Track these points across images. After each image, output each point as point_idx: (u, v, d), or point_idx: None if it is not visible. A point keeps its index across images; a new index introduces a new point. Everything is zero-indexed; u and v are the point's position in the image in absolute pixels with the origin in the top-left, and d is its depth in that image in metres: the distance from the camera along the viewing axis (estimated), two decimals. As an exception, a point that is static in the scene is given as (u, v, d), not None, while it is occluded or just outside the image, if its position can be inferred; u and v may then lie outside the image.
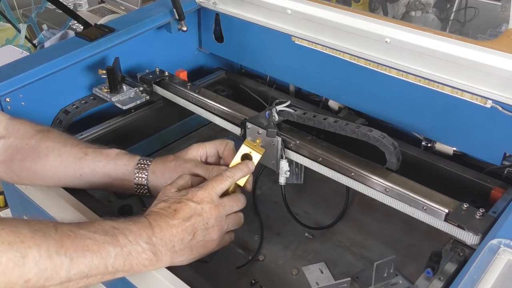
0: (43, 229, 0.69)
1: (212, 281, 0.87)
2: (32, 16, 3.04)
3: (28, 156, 0.94)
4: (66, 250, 0.68)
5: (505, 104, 0.91)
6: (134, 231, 0.76)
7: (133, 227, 0.76)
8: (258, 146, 0.97)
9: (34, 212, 1.07)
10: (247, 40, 1.32)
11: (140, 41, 1.31)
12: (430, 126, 1.06)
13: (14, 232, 0.66)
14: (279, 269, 0.98)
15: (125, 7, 3.11)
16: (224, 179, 0.87)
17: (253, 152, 0.95)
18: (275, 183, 1.06)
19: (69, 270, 0.68)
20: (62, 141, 0.96)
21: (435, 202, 0.85)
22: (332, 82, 1.18)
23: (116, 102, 1.20)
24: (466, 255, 0.90)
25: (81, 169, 0.94)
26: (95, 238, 0.72)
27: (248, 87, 1.33)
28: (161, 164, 0.95)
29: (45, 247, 0.67)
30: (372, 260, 0.94)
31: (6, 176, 0.98)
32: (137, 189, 0.95)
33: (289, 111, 1.04)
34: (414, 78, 1.02)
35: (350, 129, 0.98)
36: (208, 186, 0.85)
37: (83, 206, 0.94)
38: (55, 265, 0.67)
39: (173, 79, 1.26)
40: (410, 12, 1.87)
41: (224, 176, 0.87)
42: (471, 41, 0.93)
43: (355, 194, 1.10)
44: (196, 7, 1.39)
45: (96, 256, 0.71)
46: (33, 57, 1.43)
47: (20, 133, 0.96)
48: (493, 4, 1.69)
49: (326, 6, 1.12)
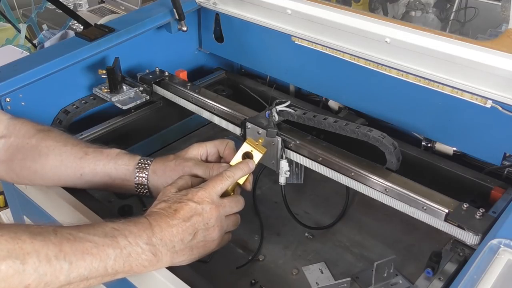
0: (43, 234, 0.69)
1: (212, 281, 0.87)
2: (32, 16, 3.04)
3: (28, 156, 0.94)
4: (66, 254, 0.69)
5: (505, 104, 0.91)
6: (134, 232, 0.76)
7: (133, 228, 0.76)
8: (260, 145, 0.97)
9: (34, 212, 1.07)
10: (247, 40, 1.32)
11: (140, 41, 1.31)
12: (430, 126, 1.06)
13: (13, 239, 0.66)
14: (279, 269, 0.98)
15: (125, 7, 3.11)
16: (224, 179, 0.87)
17: (254, 151, 0.94)
18: (275, 183, 1.06)
19: (68, 274, 0.69)
20: (62, 140, 0.96)
21: (435, 202, 0.85)
22: (332, 82, 1.18)
23: (116, 102, 1.20)
24: (466, 255, 0.90)
25: (82, 169, 0.94)
26: (95, 240, 0.72)
27: (248, 87, 1.33)
28: (161, 164, 0.95)
29: (44, 252, 0.67)
30: (372, 260, 0.94)
31: (6, 175, 0.98)
32: (138, 188, 0.95)
33: (289, 111, 1.04)
34: (414, 78, 1.02)
35: (350, 129, 0.98)
36: (208, 186, 0.85)
37: (83, 206, 0.94)
38: (55, 270, 0.67)
39: (173, 79, 1.26)
40: (410, 12, 1.86)
41: (224, 176, 0.87)
42: (471, 41, 0.93)
43: (355, 194, 1.10)
44: (196, 7, 1.39)
45: (96, 259, 0.71)
46: (33, 57, 1.43)
47: (21, 132, 0.96)
48: (493, 4, 1.69)
49: (326, 6, 1.12)
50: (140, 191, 0.95)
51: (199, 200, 0.82)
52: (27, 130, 0.96)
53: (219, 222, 0.84)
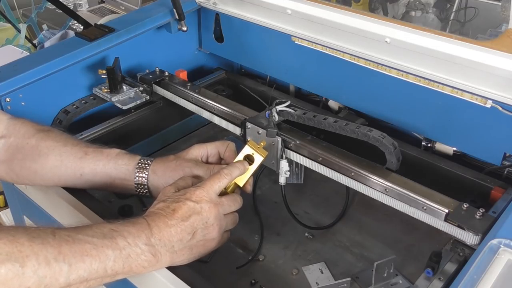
0: (41, 236, 0.69)
1: (212, 281, 0.87)
2: (32, 16, 3.04)
3: (28, 156, 0.94)
4: (65, 256, 0.69)
5: (505, 104, 0.91)
6: (133, 233, 0.76)
7: (132, 229, 0.76)
8: (261, 148, 0.96)
9: (34, 213, 1.07)
10: (247, 40, 1.32)
11: (140, 41, 1.31)
12: (430, 126, 1.06)
13: (12, 242, 0.66)
14: (279, 269, 0.98)
15: (125, 7, 3.11)
16: (221, 177, 0.87)
17: (255, 154, 0.94)
18: (275, 183, 1.06)
19: (68, 276, 0.69)
20: (62, 140, 0.96)
21: (435, 202, 0.85)
22: (332, 82, 1.18)
23: (116, 102, 1.20)
24: (466, 255, 0.90)
25: (82, 169, 0.94)
26: (93, 242, 0.72)
27: (248, 87, 1.33)
28: (161, 164, 0.95)
29: (43, 255, 0.67)
30: (372, 260, 0.94)
31: (6, 175, 0.98)
32: (137, 188, 0.95)
33: (289, 111, 1.04)
34: (414, 78, 1.02)
35: (350, 129, 0.98)
36: (206, 185, 0.85)
37: (83, 206, 0.94)
38: (54, 272, 0.67)
39: (173, 79, 1.26)
40: (410, 12, 1.86)
41: (222, 174, 0.87)
42: (471, 41, 0.93)
43: (355, 194, 1.10)
44: (196, 7, 1.39)
45: (95, 260, 0.71)
46: (33, 57, 1.43)
47: (21, 132, 0.96)
48: (493, 4, 1.68)
49: (326, 6, 1.12)
50: (140, 191, 0.95)
51: (198, 199, 0.82)
52: (27, 130, 0.96)
53: (218, 220, 0.84)
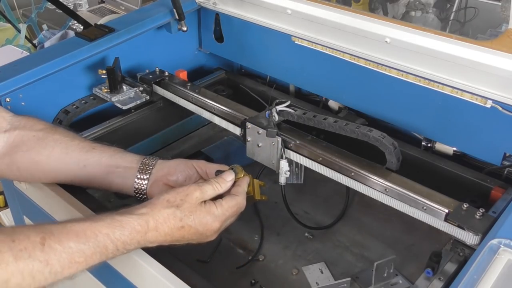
0: (28, 249, 0.68)
1: (212, 281, 0.87)
2: (32, 16, 3.04)
3: (34, 147, 0.95)
4: (52, 267, 0.69)
5: (505, 104, 0.91)
6: (127, 242, 0.76)
7: (127, 238, 0.76)
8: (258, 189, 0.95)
9: (34, 212, 1.07)
10: (247, 40, 1.32)
11: (140, 41, 1.31)
12: (430, 126, 1.06)
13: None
14: (279, 269, 0.98)
15: (125, 7, 3.11)
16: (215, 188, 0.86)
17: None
18: (275, 183, 1.06)
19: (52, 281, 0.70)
20: (70, 136, 0.98)
21: (435, 202, 0.85)
22: (332, 82, 1.18)
23: (116, 102, 1.20)
24: (466, 255, 0.90)
25: (86, 160, 0.95)
26: (84, 251, 0.72)
27: (248, 87, 1.33)
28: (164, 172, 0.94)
29: (28, 270, 0.67)
30: (372, 260, 0.94)
31: (7, 168, 0.97)
32: (137, 193, 0.95)
33: (289, 111, 1.04)
34: (414, 78, 1.02)
35: (350, 129, 0.98)
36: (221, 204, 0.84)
37: (83, 206, 0.94)
38: (39, 282, 0.68)
39: (173, 79, 1.26)
40: (410, 12, 1.86)
41: (214, 184, 0.86)
42: (471, 41, 0.93)
43: (355, 194, 1.10)
44: (196, 7, 1.39)
45: (82, 266, 0.72)
46: (33, 57, 1.43)
47: (28, 125, 0.97)
48: (493, 4, 1.68)
49: (326, 6, 1.12)
50: (139, 195, 0.95)
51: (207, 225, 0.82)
52: (34, 123, 0.98)
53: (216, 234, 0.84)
